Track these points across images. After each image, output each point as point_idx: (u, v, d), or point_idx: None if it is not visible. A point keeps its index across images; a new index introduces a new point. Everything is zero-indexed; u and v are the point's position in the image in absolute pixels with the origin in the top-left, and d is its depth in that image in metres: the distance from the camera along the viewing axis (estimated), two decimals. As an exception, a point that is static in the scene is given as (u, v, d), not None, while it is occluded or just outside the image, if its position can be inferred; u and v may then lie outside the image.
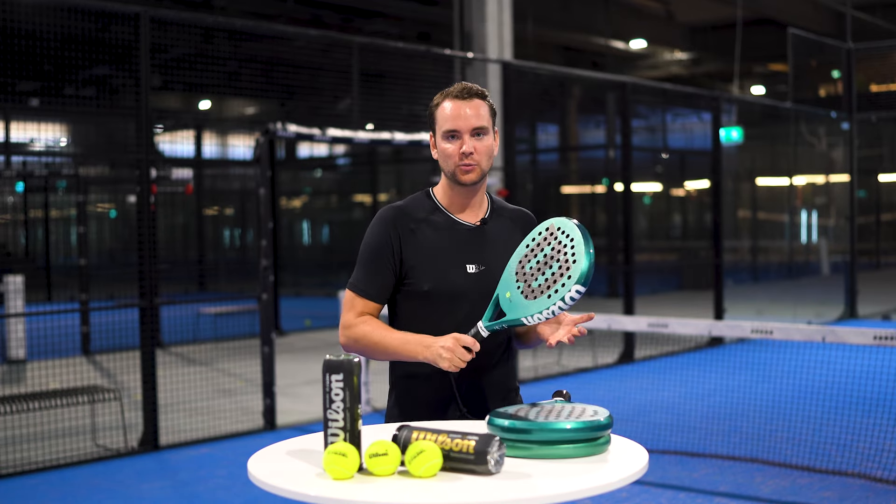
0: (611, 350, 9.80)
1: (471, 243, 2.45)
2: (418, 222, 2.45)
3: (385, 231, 2.44)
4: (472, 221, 2.48)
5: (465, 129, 2.40)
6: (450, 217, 2.47)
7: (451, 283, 2.40)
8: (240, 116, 18.26)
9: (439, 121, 2.44)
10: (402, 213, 2.47)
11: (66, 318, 9.46)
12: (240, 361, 9.50)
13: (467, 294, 2.40)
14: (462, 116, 2.40)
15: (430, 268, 2.41)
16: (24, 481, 5.62)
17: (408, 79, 9.01)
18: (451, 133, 2.42)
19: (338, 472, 1.85)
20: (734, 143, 17.61)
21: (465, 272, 2.42)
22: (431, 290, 2.40)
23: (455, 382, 2.39)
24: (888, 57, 16.60)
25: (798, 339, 5.25)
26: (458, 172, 2.42)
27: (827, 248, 20.31)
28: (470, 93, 2.43)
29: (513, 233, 2.50)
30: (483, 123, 2.42)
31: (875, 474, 5.26)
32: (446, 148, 2.43)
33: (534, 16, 16.50)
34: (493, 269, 2.41)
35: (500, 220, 2.51)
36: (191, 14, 7.62)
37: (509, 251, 2.41)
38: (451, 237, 2.45)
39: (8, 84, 7.53)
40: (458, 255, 2.43)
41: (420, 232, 2.44)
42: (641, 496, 4.99)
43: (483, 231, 2.47)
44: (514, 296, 2.21)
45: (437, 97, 2.48)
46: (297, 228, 22.95)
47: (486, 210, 2.51)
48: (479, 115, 2.42)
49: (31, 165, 13.28)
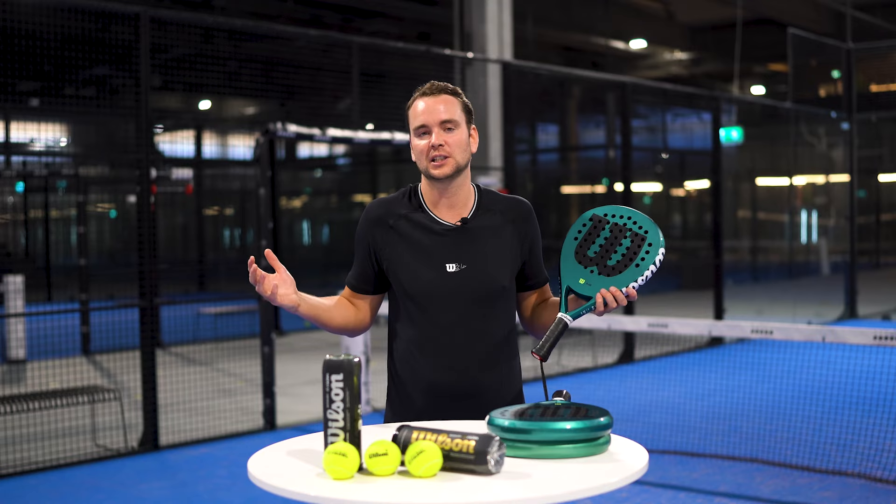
0: (611, 350, 9.80)
1: (450, 243, 2.43)
2: (398, 219, 2.46)
3: (365, 227, 2.50)
4: (452, 220, 2.46)
5: (433, 122, 2.40)
6: (430, 215, 2.46)
7: (429, 283, 2.40)
8: (240, 116, 18.26)
9: (411, 119, 2.45)
10: (385, 209, 2.49)
11: (66, 318, 9.45)
12: (240, 361, 9.50)
13: (448, 293, 2.40)
14: (430, 111, 2.40)
15: (408, 268, 2.42)
16: (24, 481, 5.62)
17: (408, 79, 9.02)
18: (421, 129, 2.41)
19: (338, 472, 1.85)
20: (734, 143, 17.62)
21: (444, 272, 2.41)
22: (410, 289, 2.41)
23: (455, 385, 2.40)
24: (888, 57, 16.61)
25: (798, 339, 5.25)
26: (430, 167, 2.40)
27: (827, 248, 20.31)
28: (439, 89, 2.43)
29: (502, 227, 2.47)
30: (452, 117, 2.41)
31: (875, 474, 5.26)
32: (417, 144, 2.43)
33: (534, 16, 16.51)
34: (475, 266, 2.41)
35: (486, 216, 2.48)
36: (191, 14, 7.63)
37: (497, 246, 2.43)
38: (430, 237, 2.44)
39: (8, 84, 7.52)
40: (437, 255, 2.42)
41: (398, 229, 2.45)
42: (641, 496, 4.99)
43: (464, 230, 2.45)
44: (590, 279, 2.28)
45: (411, 99, 2.48)
46: (297, 228, 22.95)
47: (472, 206, 2.48)
48: (445, 109, 2.41)
49: (31, 165, 13.28)
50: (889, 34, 17.99)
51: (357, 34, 14.06)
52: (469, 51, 10.85)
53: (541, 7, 16.72)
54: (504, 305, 2.45)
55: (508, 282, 2.46)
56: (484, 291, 2.41)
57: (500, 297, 2.44)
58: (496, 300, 2.43)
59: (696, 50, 21.50)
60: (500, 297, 2.44)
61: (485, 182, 9.42)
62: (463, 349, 2.39)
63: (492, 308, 2.42)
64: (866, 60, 16.19)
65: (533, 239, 2.52)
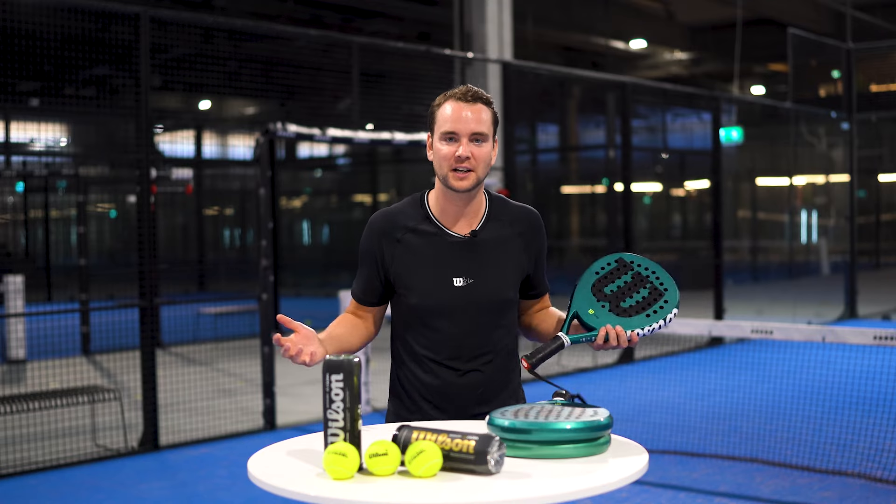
0: (611, 350, 9.78)
1: (458, 256, 2.39)
2: (405, 231, 2.42)
3: (371, 239, 2.44)
4: (462, 232, 2.41)
5: (464, 132, 2.33)
6: (439, 227, 2.41)
7: (436, 297, 2.37)
8: (240, 116, 18.26)
9: (439, 121, 2.37)
10: (391, 221, 2.43)
11: (66, 318, 9.45)
12: (240, 361, 9.50)
13: (454, 306, 2.37)
14: (462, 119, 2.33)
15: (415, 281, 2.39)
16: (24, 481, 5.61)
17: (408, 79, 9.01)
18: (449, 135, 2.34)
19: (338, 472, 1.85)
20: (734, 143, 17.62)
21: (451, 286, 2.37)
22: (417, 303, 2.39)
23: (454, 383, 2.40)
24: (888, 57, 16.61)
25: (798, 339, 5.25)
26: (451, 177, 2.35)
27: (827, 248, 20.31)
28: (474, 97, 2.36)
29: (510, 239, 2.44)
30: (483, 129, 2.34)
31: (875, 474, 5.26)
32: (442, 149, 2.35)
33: (534, 16, 16.50)
34: (482, 281, 2.38)
35: (495, 227, 2.43)
36: (191, 14, 7.63)
37: (504, 259, 2.41)
38: (438, 250, 2.39)
39: (8, 84, 7.52)
40: (444, 268, 2.38)
41: (406, 242, 2.41)
42: (641, 496, 4.99)
43: (473, 243, 2.40)
44: (599, 312, 2.34)
45: (439, 97, 2.41)
46: (297, 228, 22.95)
47: (482, 218, 2.44)
48: (481, 119, 2.34)
49: (31, 165, 13.27)
50: (889, 34, 17.99)
51: (357, 34, 14.06)
52: (469, 51, 10.84)
53: (541, 7, 16.72)
54: (510, 316, 2.45)
55: (514, 293, 2.45)
56: (490, 305, 2.40)
57: (505, 309, 2.43)
58: (502, 312, 2.42)
59: (696, 50, 21.50)
60: (505, 309, 2.43)
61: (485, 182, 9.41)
62: (469, 360, 2.39)
63: (498, 319, 2.42)
64: (866, 60, 16.19)
65: (539, 251, 2.50)
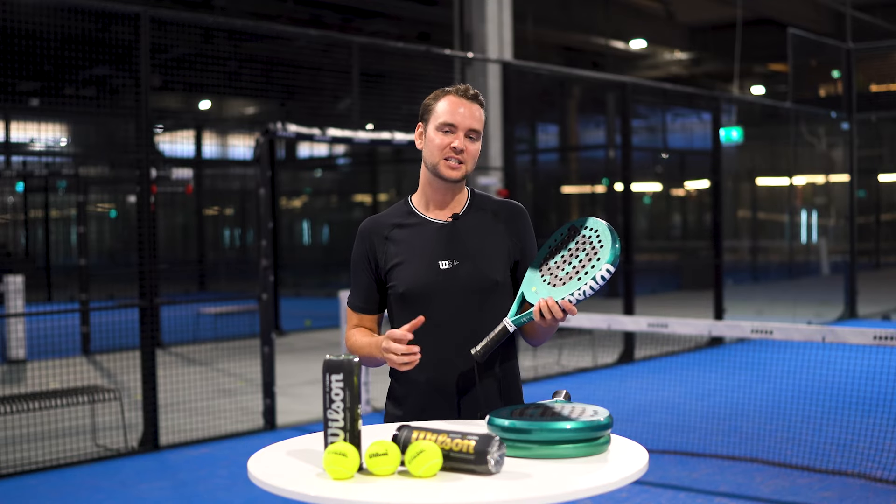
0: (611, 350, 9.80)
1: (442, 239, 2.45)
2: (392, 228, 2.49)
3: (360, 244, 2.52)
4: (444, 219, 2.48)
5: (462, 126, 2.42)
6: (421, 217, 2.50)
7: (423, 281, 2.42)
8: (240, 116, 18.26)
9: (437, 112, 2.45)
10: (377, 223, 2.52)
11: (66, 318, 9.44)
12: (240, 361, 9.50)
13: (442, 290, 2.41)
14: (462, 114, 2.42)
15: (404, 268, 2.44)
16: (24, 481, 5.62)
17: (408, 79, 9.01)
18: (447, 126, 2.42)
19: (338, 472, 1.86)
20: (734, 143, 17.62)
21: (437, 269, 2.43)
22: (407, 290, 2.43)
23: (453, 383, 2.40)
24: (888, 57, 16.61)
25: (798, 339, 5.25)
26: (443, 165, 2.42)
27: (827, 248, 20.31)
28: (474, 96, 2.46)
29: (493, 226, 2.49)
30: (479, 128, 2.45)
31: (875, 474, 5.26)
32: (435, 138, 2.43)
33: (534, 16, 16.51)
34: (467, 263, 2.43)
35: (478, 214, 2.50)
36: (191, 14, 7.63)
37: (489, 242, 2.45)
38: (422, 236, 2.46)
39: (8, 84, 7.52)
40: (429, 252, 2.44)
41: (394, 237, 2.48)
42: (641, 496, 4.99)
43: (454, 227, 2.47)
44: (540, 288, 2.27)
45: (437, 92, 2.49)
46: (297, 228, 22.96)
47: (464, 205, 2.51)
48: (477, 118, 2.45)
49: (31, 165, 13.28)
50: (889, 34, 17.99)
51: (357, 34, 14.07)
52: (469, 51, 10.85)
53: (541, 7, 16.72)
54: (499, 301, 2.45)
55: (502, 277, 2.46)
56: (477, 286, 2.42)
57: (493, 292, 2.44)
58: (490, 295, 2.44)
59: (696, 50, 21.50)
60: (493, 292, 2.44)
61: (485, 182, 9.42)
62: (460, 345, 2.39)
63: (487, 303, 2.43)
64: (866, 60, 16.19)
65: (525, 239, 2.52)
